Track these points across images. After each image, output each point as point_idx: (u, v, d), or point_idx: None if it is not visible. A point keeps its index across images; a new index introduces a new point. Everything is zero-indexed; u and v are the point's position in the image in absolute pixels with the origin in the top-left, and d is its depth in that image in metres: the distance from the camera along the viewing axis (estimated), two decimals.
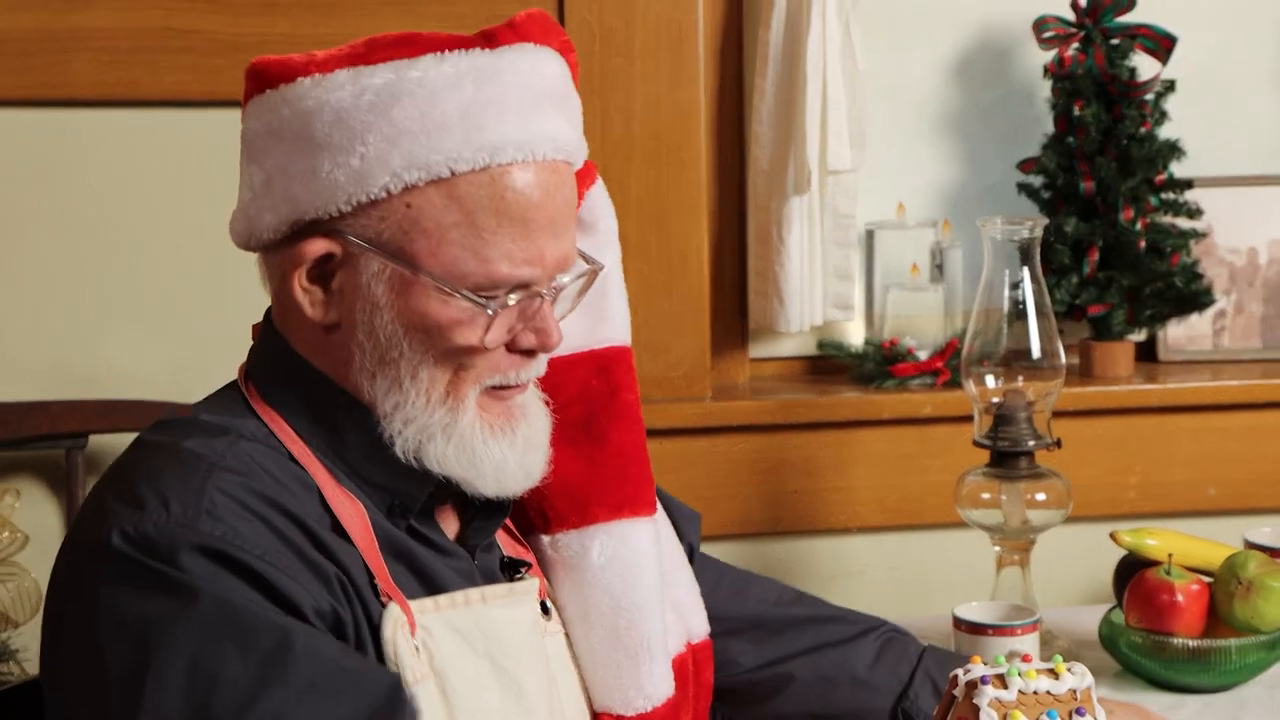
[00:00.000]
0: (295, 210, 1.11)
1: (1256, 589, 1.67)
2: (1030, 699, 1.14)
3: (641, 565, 1.27)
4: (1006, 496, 1.78)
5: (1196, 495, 2.07)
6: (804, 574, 2.03)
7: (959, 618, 1.66)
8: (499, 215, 1.10)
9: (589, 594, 1.25)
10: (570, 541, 1.26)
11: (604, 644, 1.24)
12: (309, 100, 1.10)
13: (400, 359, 1.11)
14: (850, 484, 2.01)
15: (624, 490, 1.27)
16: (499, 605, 1.16)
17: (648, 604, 1.26)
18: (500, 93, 1.10)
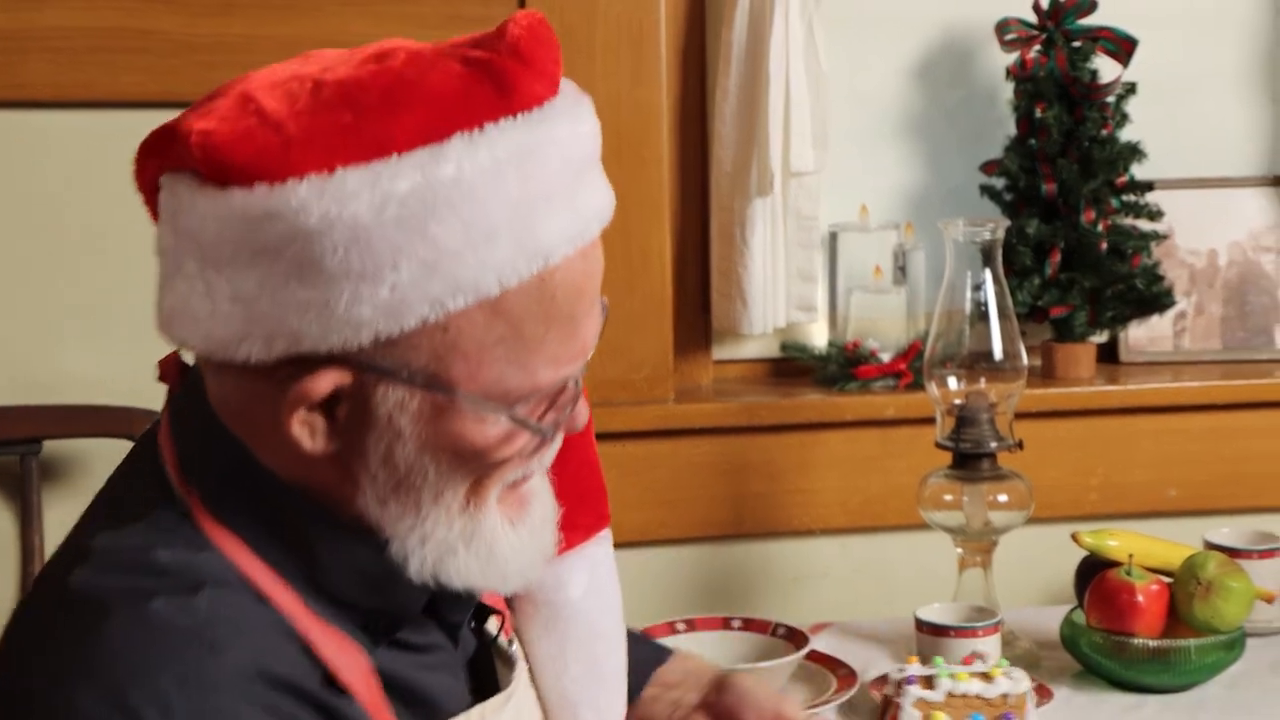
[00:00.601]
0: (294, 344, 0.90)
1: (1216, 589, 1.68)
2: (958, 701, 1.14)
3: (613, 588, 1.21)
4: (968, 498, 1.78)
5: (1157, 496, 2.07)
6: (766, 576, 2.03)
7: (921, 619, 1.67)
8: (548, 320, 0.93)
9: (567, 628, 1.16)
10: (545, 575, 1.11)
11: (580, 679, 1.15)
12: (310, 216, 0.88)
13: (423, 485, 0.95)
14: (813, 486, 2.01)
15: (590, 506, 1.19)
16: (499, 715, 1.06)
17: (619, 628, 1.21)
18: (546, 177, 0.92)
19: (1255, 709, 1.65)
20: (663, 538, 2.00)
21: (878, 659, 1.79)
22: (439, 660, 1.04)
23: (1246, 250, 2.14)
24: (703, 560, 2.02)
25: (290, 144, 0.89)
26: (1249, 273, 2.14)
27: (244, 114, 0.90)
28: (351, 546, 0.96)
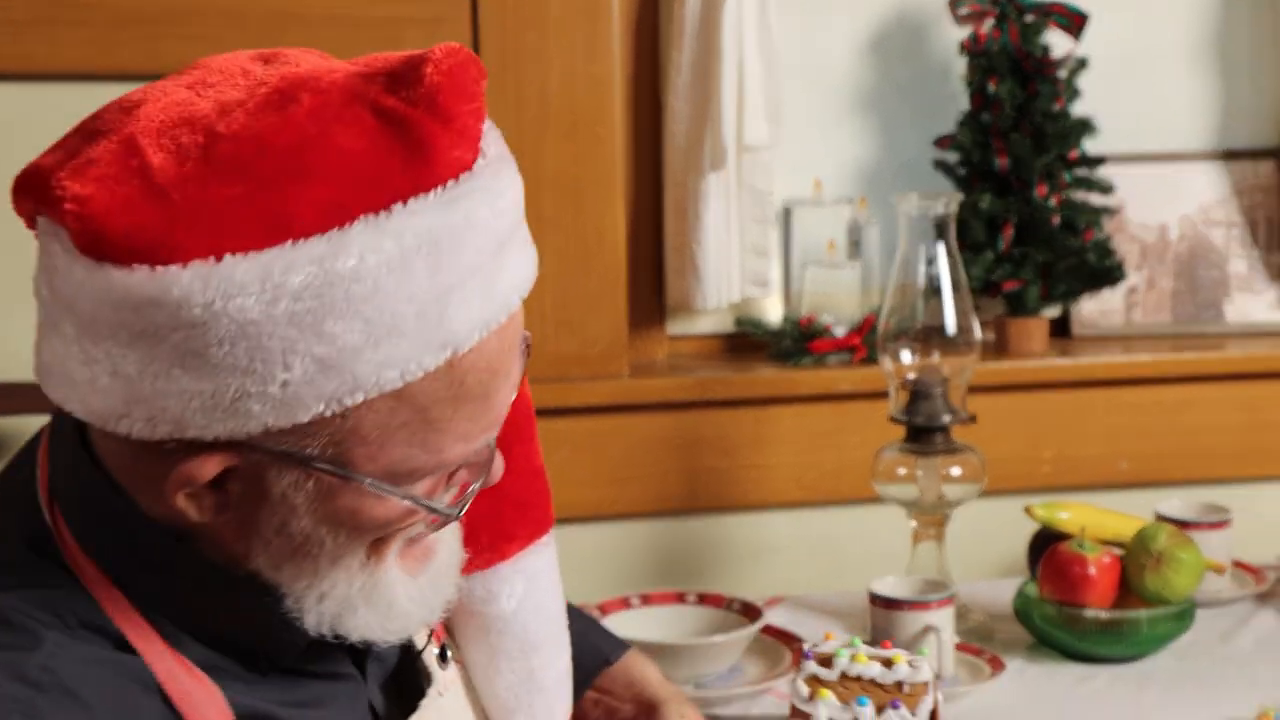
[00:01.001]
0: (178, 429, 0.84)
1: (1166, 561, 1.69)
2: (851, 683, 1.14)
3: (553, 597, 1.13)
4: (922, 472, 1.78)
5: (1109, 469, 2.09)
6: (721, 551, 2.03)
7: (874, 593, 1.67)
8: (457, 403, 0.87)
9: (498, 640, 1.10)
10: (474, 586, 1.08)
11: (515, 688, 1.10)
12: (193, 307, 0.80)
13: (320, 553, 0.89)
14: (768, 461, 2.01)
15: (532, 514, 1.11)
16: None
17: (560, 636, 1.14)
18: (460, 266, 0.84)
19: (1205, 679, 1.67)
20: (617, 513, 2.00)
21: (833, 632, 1.79)
22: (336, 691, 0.97)
23: (1197, 224, 2.15)
24: (657, 535, 2.02)
25: (175, 222, 0.80)
26: (1199, 247, 2.15)
27: (126, 174, 0.81)
28: (239, 596, 0.90)
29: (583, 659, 1.25)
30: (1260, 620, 1.83)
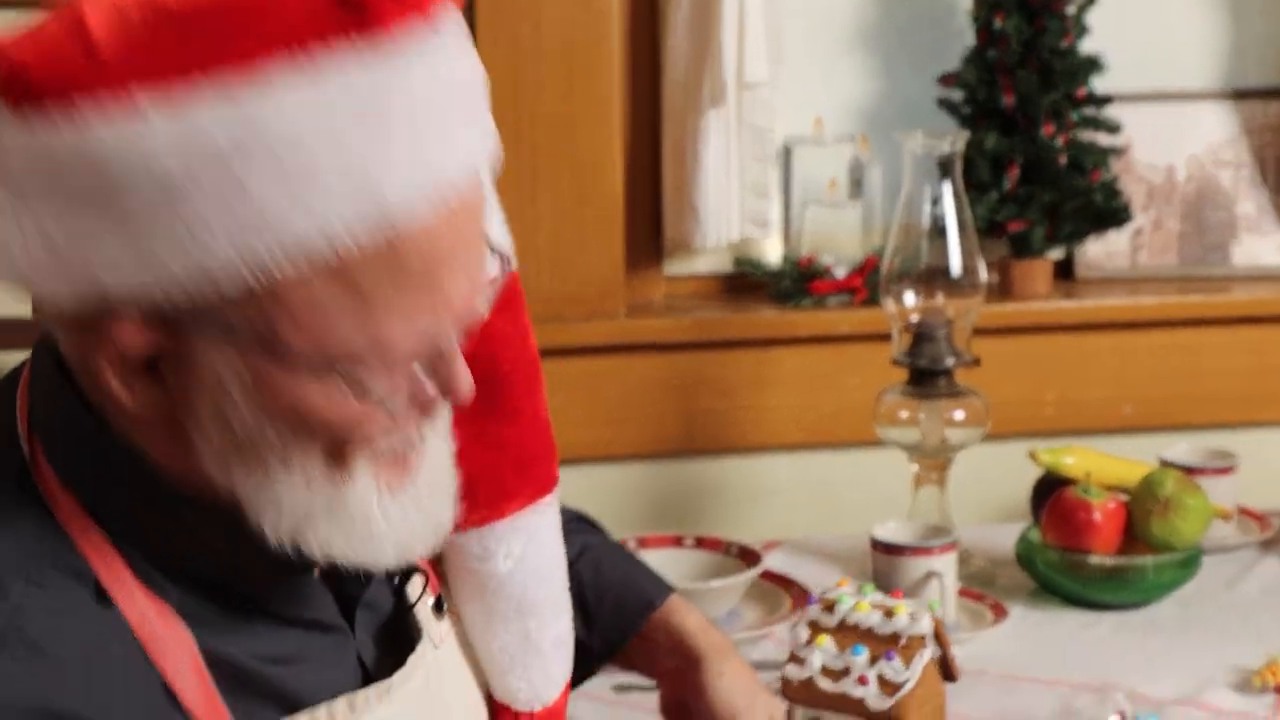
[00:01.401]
0: (100, 294, 0.80)
1: (1174, 507, 1.67)
2: (850, 631, 1.12)
3: (553, 559, 1.08)
4: (924, 415, 1.76)
5: (1113, 413, 2.06)
6: (719, 495, 2.01)
7: (876, 539, 1.65)
8: (398, 283, 0.82)
9: (493, 600, 1.05)
10: (470, 543, 1.04)
11: (509, 649, 1.06)
12: (107, 148, 0.77)
13: (268, 451, 0.84)
14: (766, 403, 1.98)
15: (535, 471, 1.06)
16: (370, 712, 0.93)
17: (559, 599, 1.09)
18: (392, 130, 0.80)
19: (1210, 626, 1.65)
20: (613, 455, 1.97)
21: (831, 578, 1.76)
22: (320, 644, 0.93)
23: (1205, 165, 2.11)
24: (654, 478, 1.99)
25: (100, 71, 0.78)
26: (1207, 188, 2.11)
27: (60, 32, 0.80)
28: (204, 516, 0.87)
29: (627, 603, 1.22)
30: (1265, 567, 1.81)
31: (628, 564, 1.29)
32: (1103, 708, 1.43)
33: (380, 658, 0.97)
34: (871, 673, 1.10)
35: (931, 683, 1.12)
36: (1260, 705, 1.45)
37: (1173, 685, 1.49)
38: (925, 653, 1.09)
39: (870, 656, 1.10)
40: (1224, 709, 1.45)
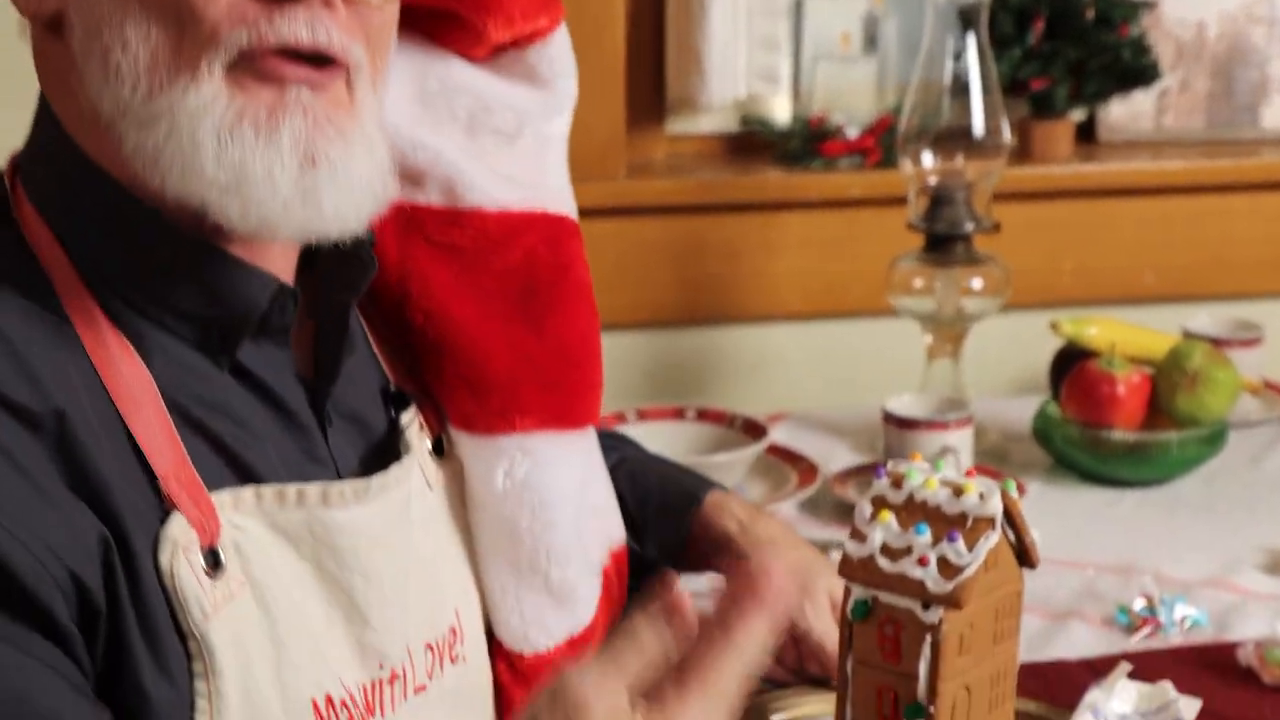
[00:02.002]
0: None
1: (1201, 380, 1.59)
2: (915, 508, 1.03)
3: (564, 498, 1.00)
4: (940, 283, 1.67)
5: (1133, 282, 1.97)
6: (722, 364, 1.93)
7: (889, 412, 1.57)
8: None
9: (481, 517, 0.99)
10: (467, 450, 0.98)
11: (494, 570, 0.99)
12: None
13: (103, 25, 0.80)
14: (773, 270, 1.89)
15: (561, 393, 1.00)
16: (344, 507, 0.89)
17: (568, 545, 1.01)
18: None
19: (1236, 503, 1.58)
20: (612, 323, 1.86)
21: (839, 452, 1.70)
22: (284, 428, 0.89)
23: (1238, 21, 2.00)
24: (654, 347, 1.91)
25: None
26: (1238, 46, 2.01)
27: None
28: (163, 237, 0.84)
29: (671, 504, 1.19)
30: None
31: (665, 467, 1.25)
32: (1127, 590, 1.37)
33: (361, 472, 0.93)
34: (933, 554, 1.02)
35: (1004, 568, 1.04)
36: None
37: (1199, 566, 1.42)
38: (993, 536, 1.01)
39: (933, 536, 1.02)
40: (1253, 590, 1.38)
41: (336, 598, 0.89)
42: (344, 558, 0.89)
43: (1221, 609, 1.34)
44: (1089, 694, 1.10)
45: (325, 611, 0.88)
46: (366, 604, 0.89)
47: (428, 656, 0.95)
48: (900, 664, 1.02)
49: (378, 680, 0.91)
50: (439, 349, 0.99)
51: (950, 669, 1.01)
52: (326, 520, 0.88)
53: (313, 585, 0.88)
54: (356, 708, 0.89)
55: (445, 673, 0.96)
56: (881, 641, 1.02)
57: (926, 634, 1.00)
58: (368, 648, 0.90)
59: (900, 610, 1.01)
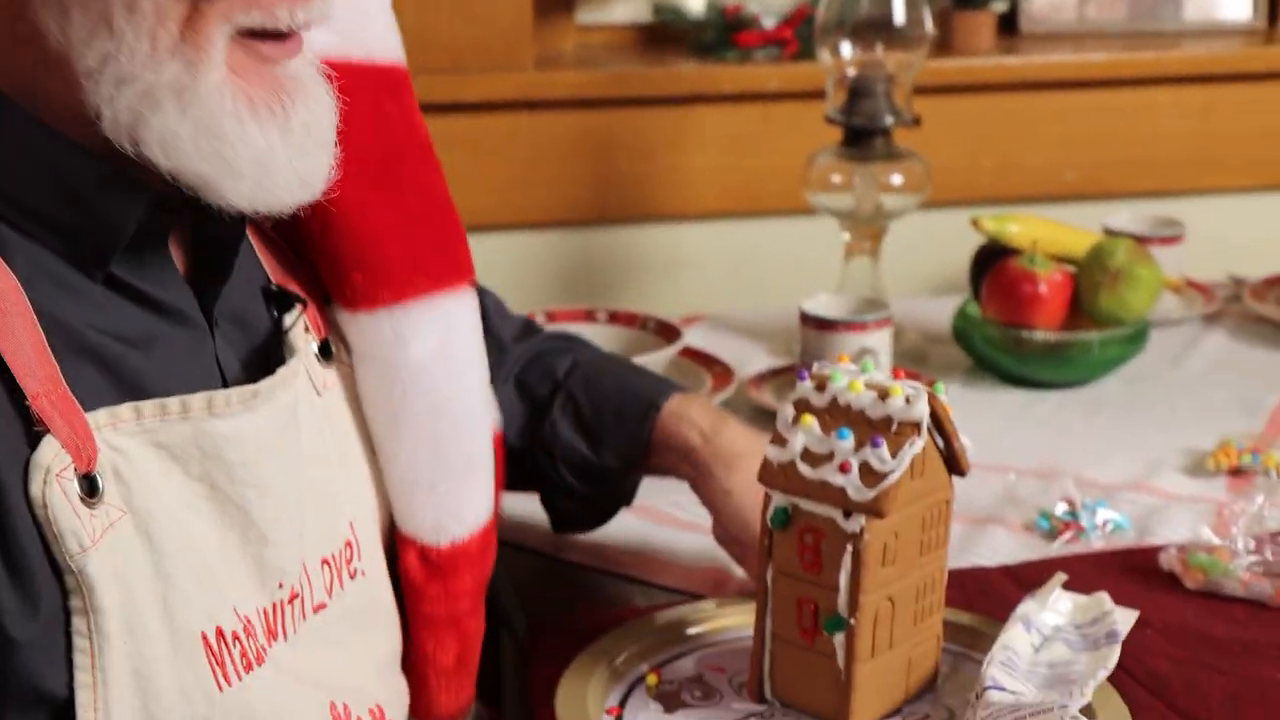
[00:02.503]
0: None
1: (1124, 278, 1.55)
2: (839, 411, 0.98)
3: (471, 356, 0.99)
4: (859, 179, 1.62)
5: (1053, 180, 1.93)
6: (634, 265, 1.87)
7: (806, 312, 1.52)
8: None
9: (404, 396, 0.95)
10: (381, 325, 0.95)
11: (419, 460, 0.96)
12: None
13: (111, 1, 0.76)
14: (687, 166, 1.83)
15: (446, 251, 0.98)
16: (231, 416, 0.83)
17: (476, 407, 0.99)
18: None
19: (1157, 404, 1.55)
20: (519, 221, 1.82)
21: (755, 355, 1.66)
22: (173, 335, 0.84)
23: None
24: (564, 247, 1.84)
25: None
26: None
27: None
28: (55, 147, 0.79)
29: (627, 411, 1.15)
30: (1210, 342, 1.71)
31: (620, 369, 1.21)
32: (1048, 495, 1.33)
33: (246, 379, 0.87)
34: (855, 460, 0.97)
35: (932, 476, 0.99)
36: (1213, 488, 1.36)
37: (1121, 469, 1.39)
38: (918, 442, 0.96)
39: (856, 442, 0.97)
40: (1175, 493, 1.35)
41: (231, 516, 0.83)
42: (235, 471, 0.83)
43: (1143, 512, 1.32)
44: (1022, 605, 1.06)
45: (219, 534, 0.83)
46: (263, 519, 0.84)
47: (325, 572, 0.90)
48: (820, 574, 0.98)
49: (277, 602, 0.86)
50: (323, 232, 0.94)
51: (872, 580, 0.97)
52: (213, 432, 0.82)
53: (204, 507, 0.82)
54: (253, 636, 0.84)
55: (346, 590, 0.92)
56: (801, 551, 0.98)
57: (847, 544, 0.96)
58: (267, 566, 0.85)
59: (820, 518, 0.97)
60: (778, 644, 1.00)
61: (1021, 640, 1.03)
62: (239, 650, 0.82)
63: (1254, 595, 1.17)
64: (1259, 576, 1.18)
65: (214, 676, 0.81)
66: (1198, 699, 1.03)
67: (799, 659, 0.99)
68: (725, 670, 1.06)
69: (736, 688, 1.04)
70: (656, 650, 1.07)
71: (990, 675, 0.99)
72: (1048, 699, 0.95)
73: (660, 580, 1.22)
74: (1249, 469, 1.38)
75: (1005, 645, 1.02)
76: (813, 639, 0.99)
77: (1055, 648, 1.05)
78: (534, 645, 1.13)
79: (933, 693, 1.04)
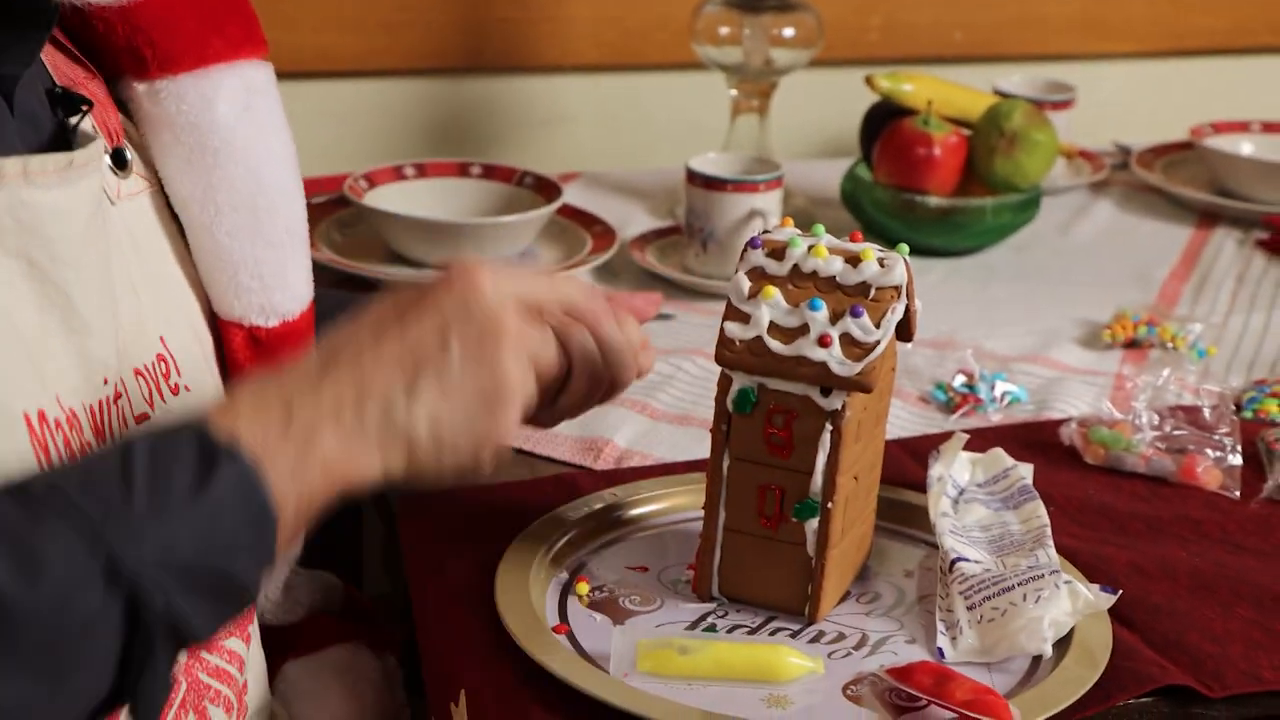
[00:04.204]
0: None
1: (1020, 142, 1.50)
2: (805, 279, 0.91)
3: (278, 124, 0.96)
4: (749, 31, 1.54)
5: (942, 39, 1.87)
6: (510, 118, 1.77)
7: (694, 170, 1.45)
8: None
9: (215, 161, 0.92)
10: (185, 90, 0.91)
11: (236, 233, 0.92)
12: None
13: None
14: (565, 14, 1.73)
15: (242, 20, 0.95)
16: (48, 186, 0.78)
17: (289, 176, 0.96)
18: None
19: (1049, 273, 1.51)
20: (387, 68, 1.71)
21: (637, 215, 1.58)
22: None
23: None
24: (435, 96, 1.74)
25: None
26: None
27: None
28: None
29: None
30: (1099, 210, 1.68)
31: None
32: (944, 366, 1.29)
33: None
34: (835, 331, 0.90)
35: (892, 344, 0.93)
36: (1109, 361, 1.32)
37: (1016, 341, 1.35)
38: (899, 307, 0.89)
39: (832, 313, 0.90)
40: (1071, 365, 1.32)
41: (50, 298, 0.77)
42: (55, 247, 0.77)
43: (1040, 385, 1.28)
44: (932, 469, 1.02)
45: (38, 317, 0.77)
46: (85, 305, 0.79)
47: (139, 383, 0.85)
48: (790, 458, 0.91)
49: (103, 399, 0.81)
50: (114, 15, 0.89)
51: (848, 459, 0.91)
52: (31, 202, 0.77)
53: (22, 286, 0.76)
54: (79, 431, 0.78)
55: (170, 404, 0.87)
56: (768, 435, 0.91)
57: (826, 422, 0.89)
58: (91, 360, 0.79)
59: (794, 398, 0.90)
60: (730, 536, 0.93)
61: (949, 506, 0.99)
62: (62, 439, 0.77)
63: (1155, 471, 1.14)
64: (1161, 453, 1.14)
65: (38, 460, 0.75)
66: (1104, 575, 1.00)
67: (757, 550, 0.92)
68: (649, 568, 0.98)
69: (670, 584, 0.96)
70: (572, 551, 1.00)
71: (951, 547, 0.95)
72: (1036, 564, 0.92)
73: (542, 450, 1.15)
74: (1145, 341, 1.34)
75: (944, 513, 0.98)
76: (776, 527, 0.92)
77: (974, 509, 1.01)
78: (404, 518, 1.05)
79: (869, 570, 0.99)
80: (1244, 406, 1.23)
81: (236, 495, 0.69)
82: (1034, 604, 0.90)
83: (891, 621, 0.95)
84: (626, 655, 0.87)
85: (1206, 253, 1.58)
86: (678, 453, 1.14)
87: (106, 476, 0.67)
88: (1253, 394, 1.25)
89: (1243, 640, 0.94)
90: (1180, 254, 1.57)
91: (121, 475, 0.67)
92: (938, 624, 0.92)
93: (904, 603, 0.96)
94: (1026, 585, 0.91)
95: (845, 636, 0.93)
